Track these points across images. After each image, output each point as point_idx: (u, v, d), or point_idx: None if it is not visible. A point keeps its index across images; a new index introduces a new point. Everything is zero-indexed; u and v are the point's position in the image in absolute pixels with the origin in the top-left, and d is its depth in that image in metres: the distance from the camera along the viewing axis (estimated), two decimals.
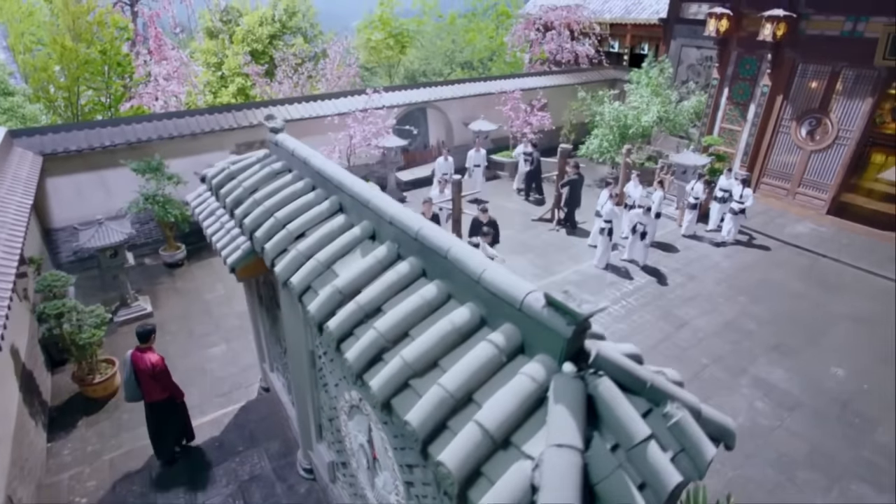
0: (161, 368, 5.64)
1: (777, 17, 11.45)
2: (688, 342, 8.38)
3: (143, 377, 5.59)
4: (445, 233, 2.58)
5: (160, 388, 5.71)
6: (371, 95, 12.65)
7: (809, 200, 12.79)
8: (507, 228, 12.27)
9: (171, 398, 5.88)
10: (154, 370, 5.56)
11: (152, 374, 5.57)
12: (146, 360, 5.54)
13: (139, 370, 5.56)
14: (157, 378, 5.63)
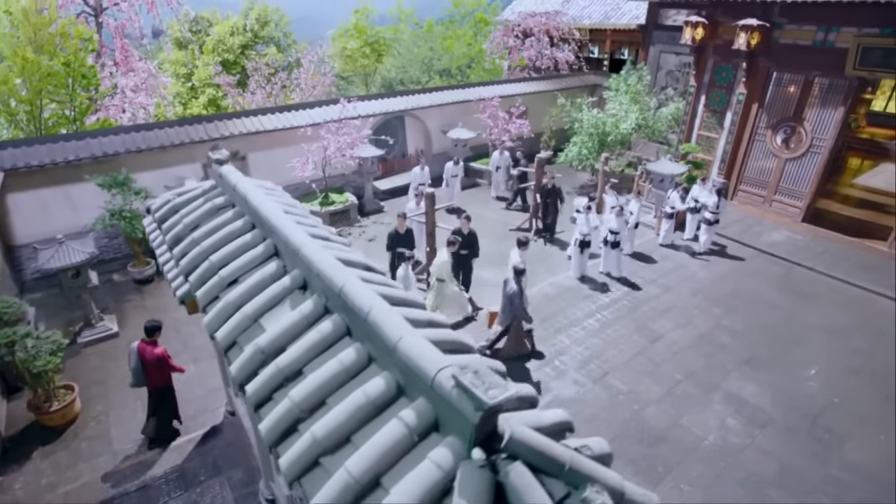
0: (165, 359, 6.39)
1: (751, 26, 11.47)
2: (661, 356, 8.34)
3: (149, 367, 6.28)
4: (369, 292, 2.45)
5: (162, 376, 6.44)
6: (345, 105, 12.47)
7: (785, 208, 12.84)
8: (484, 238, 12.10)
9: (168, 385, 6.61)
10: (158, 361, 6.30)
11: (157, 365, 6.29)
12: (152, 353, 6.28)
13: (145, 361, 6.25)
14: (162, 368, 6.37)
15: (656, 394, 7.57)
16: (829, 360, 8.29)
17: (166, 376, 6.49)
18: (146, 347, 6.27)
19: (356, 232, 12.83)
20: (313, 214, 12.39)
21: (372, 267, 3.40)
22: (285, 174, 12.33)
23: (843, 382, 7.85)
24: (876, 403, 7.45)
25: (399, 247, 9.55)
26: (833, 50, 11.00)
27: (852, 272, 10.69)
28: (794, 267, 11.07)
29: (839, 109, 11.48)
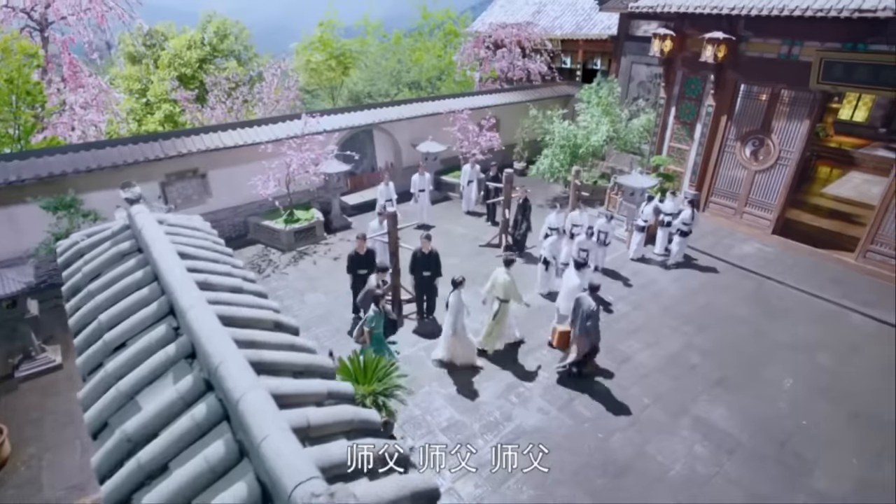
0: None
1: (717, 39, 11.42)
2: (629, 380, 8.11)
3: None
4: (246, 373, 2.14)
5: None
6: (307, 121, 12.13)
7: (756, 220, 12.78)
8: (453, 256, 11.92)
9: None
10: None
11: None
12: None
13: None
14: None
15: (623, 420, 7.33)
16: (798, 380, 8.15)
17: None
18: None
19: (322, 250, 12.47)
20: (276, 231, 12.24)
21: (282, 323, 3.07)
22: (247, 192, 11.96)
23: (811, 403, 7.70)
24: (844, 424, 7.32)
25: (360, 269, 9.23)
26: (798, 63, 10.98)
27: (822, 286, 10.62)
28: (765, 281, 10.98)
29: (805, 122, 11.46)
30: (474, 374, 8.22)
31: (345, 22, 22.41)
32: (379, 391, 6.51)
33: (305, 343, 2.97)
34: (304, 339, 3.04)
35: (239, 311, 2.89)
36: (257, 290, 3.51)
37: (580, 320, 7.54)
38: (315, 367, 2.71)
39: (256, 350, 2.56)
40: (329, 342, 9.11)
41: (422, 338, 9.18)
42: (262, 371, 2.52)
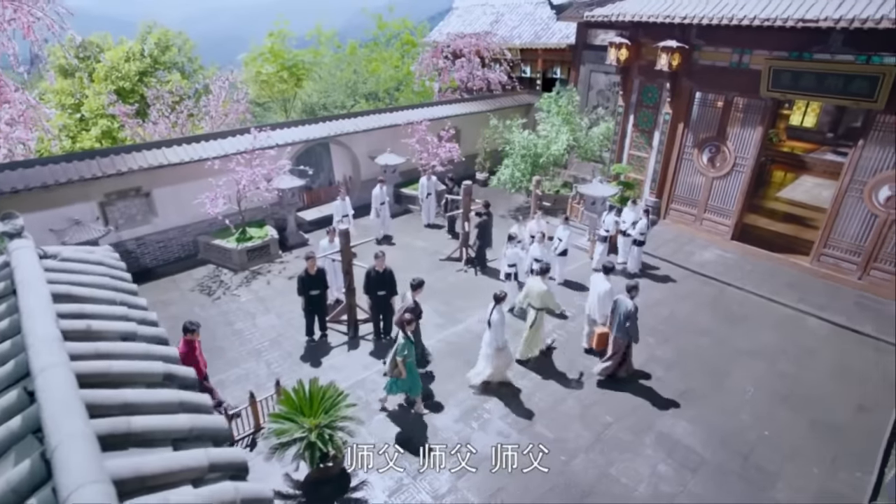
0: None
1: (671, 47, 11.48)
2: (591, 397, 7.89)
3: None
4: (86, 458, 1.73)
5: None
6: (257, 135, 11.65)
7: (715, 226, 12.86)
8: (412, 271, 11.46)
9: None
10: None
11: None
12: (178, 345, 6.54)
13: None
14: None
15: (585, 440, 7.08)
16: (760, 388, 8.09)
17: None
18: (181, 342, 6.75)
19: (276, 269, 11.94)
20: (227, 251, 11.65)
21: (174, 375, 2.67)
22: (196, 210, 11.37)
23: (772, 412, 7.63)
24: (804, 432, 7.27)
25: (312, 289, 8.79)
26: (748, 71, 11.11)
27: (779, 290, 10.69)
28: (726, 287, 10.99)
29: (758, 128, 11.60)
30: (429, 401, 7.85)
31: (296, 32, 21.85)
32: (325, 424, 6.09)
33: (197, 398, 2.57)
34: (196, 394, 2.63)
35: (117, 365, 2.48)
36: (156, 335, 3.09)
37: (619, 321, 7.72)
38: (203, 431, 2.32)
39: (125, 417, 2.16)
40: (280, 367, 8.63)
41: (377, 360, 8.76)
42: (132, 443, 2.12)
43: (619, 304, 7.76)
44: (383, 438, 7.04)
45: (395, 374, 7.10)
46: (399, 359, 6.91)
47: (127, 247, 11.34)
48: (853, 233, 10.64)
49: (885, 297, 10.30)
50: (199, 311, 10.24)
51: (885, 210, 10.10)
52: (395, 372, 7.07)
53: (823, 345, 9.17)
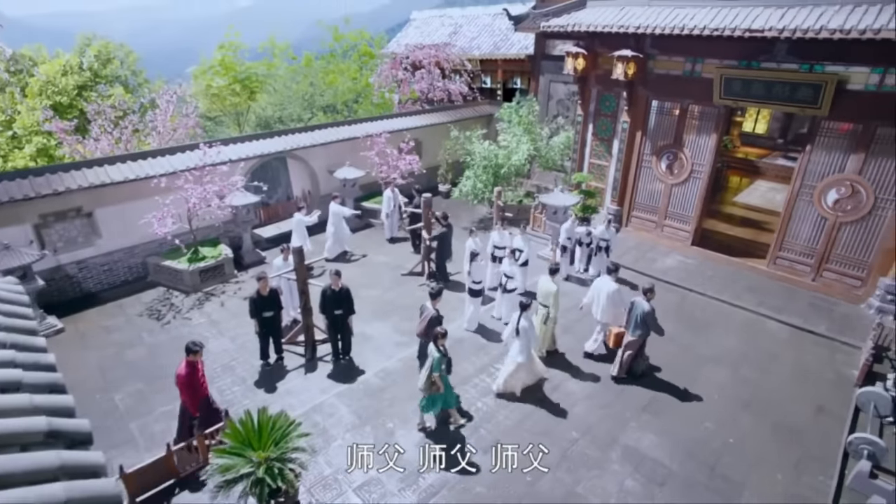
0: (180, 377, 6.49)
1: (626, 56, 11.61)
2: (558, 411, 7.70)
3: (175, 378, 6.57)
4: None
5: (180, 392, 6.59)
6: (206, 150, 11.17)
7: (676, 232, 12.99)
8: (374, 287, 11.26)
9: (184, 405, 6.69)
10: (177, 377, 6.52)
11: (176, 379, 6.55)
12: (178, 367, 6.54)
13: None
14: (177, 384, 6.55)
15: (552, 458, 6.86)
16: (724, 395, 8.08)
17: (182, 396, 6.61)
18: (182, 362, 6.55)
19: (231, 289, 11.42)
20: (178, 272, 11.09)
21: (60, 431, 2.31)
22: (144, 230, 10.78)
23: (736, 418, 7.61)
24: (768, 437, 7.26)
25: (265, 311, 8.37)
26: (701, 80, 11.32)
27: (739, 294, 10.81)
28: (688, 293, 11.05)
29: (713, 135, 11.79)
30: (388, 422, 7.52)
31: (248, 44, 21.30)
32: (275, 457, 5.69)
33: (86, 459, 2.22)
34: (86, 454, 2.28)
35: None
36: (50, 382, 2.71)
37: (634, 322, 7.94)
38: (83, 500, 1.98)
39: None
40: (232, 395, 8.16)
41: (336, 382, 8.38)
42: None
43: (636, 306, 7.97)
44: (340, 467, 6.68)
45: (433, 391, 6.86)
46: (436, 374, 6.72)
47: (67, 271, 10.65)
48: (806, 235, 10.88)
49: (836, 296, 10.55)
50: (146, 337, 9.66)
51: (833, 213, 10.36)
52: (432, 389, 6.84)
53: (782, 347, 9.27)
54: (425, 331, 7.38)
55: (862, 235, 10.18)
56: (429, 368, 6.71)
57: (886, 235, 9.83)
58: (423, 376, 6.79)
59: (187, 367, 6.49)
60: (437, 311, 7.71)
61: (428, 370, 6.72)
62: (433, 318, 7.53)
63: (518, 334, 7.55)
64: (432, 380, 6.76)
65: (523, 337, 7.55)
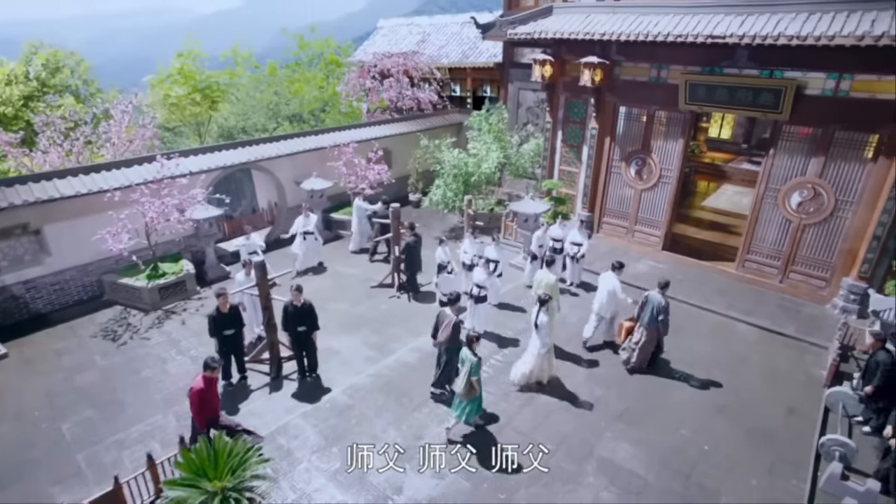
0: (193, 392, 6.27)
1: (593, 63, 11.66)
2: (530, 423, 7.51)
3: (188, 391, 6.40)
4: None
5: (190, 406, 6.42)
6: (164, 163, 10.74)
7: (646, 237, 13.03)
8: (342, 300, 10.96)
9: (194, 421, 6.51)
10: (190, 391, 6.34)
11: (188, 393, 6.36)
12: (194, 381, 6.35)
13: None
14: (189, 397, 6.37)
15: (526, 474, 6.65)
16: (697, 400, 8.02)
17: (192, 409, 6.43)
18: (198, 376, 6.38)
19: (193, 306, 10.96)
20: (136, 290, 10.60)
21: None
22: (98, 247, 10.25)
23: (711, 424, 7.54)
24: (742, 442, 7.21)
25: (225, 329, 8.00)
26: (666, 85, 11.42)
27: (709, 298, 10.86)
28: None
29: (680, 140, 11.90)
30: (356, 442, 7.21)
31: (209, 53, 20.75)
32: (231, 487, 5.34)
33: None
34: None
35: None
36: None
37: (650, 315, 8.25)
38: None
39: None
40: (191, 419, 7.70)
41: (302, 402, 8.04)
42: None
43: (651, 300, 8.29)
44: (305, 492, 6.34)
45: (471, 396, 6.89)
46: (474, 378, 6.76)
47: (13, 292, 10.04)
48: (772, 238, 11.02)
49: (803, 297, 10.70)
50: (99, 360, 9.14)
51: (797, 215, 10.52)
52: (472, 394, 6.86)
53: (753, 350, 9.30)
54: (451, 337, 7.52)
55: (825, 237, 10.35)
56: (467, 373, 6.72)
57: (847, 236, 10.02)
58: (462, 382, 6.80)
59: (204, 382, 6.31)
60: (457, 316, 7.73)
61: (466, 375, 6.73)
62: (457, 322, 7.61)
63: (537, 328, 7.82)
64: (471, 384, 6.78)
65: (542, 330, 7.78)
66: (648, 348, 8.50)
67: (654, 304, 8.23)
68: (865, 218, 9.69)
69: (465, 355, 6.77)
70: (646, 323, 8.32)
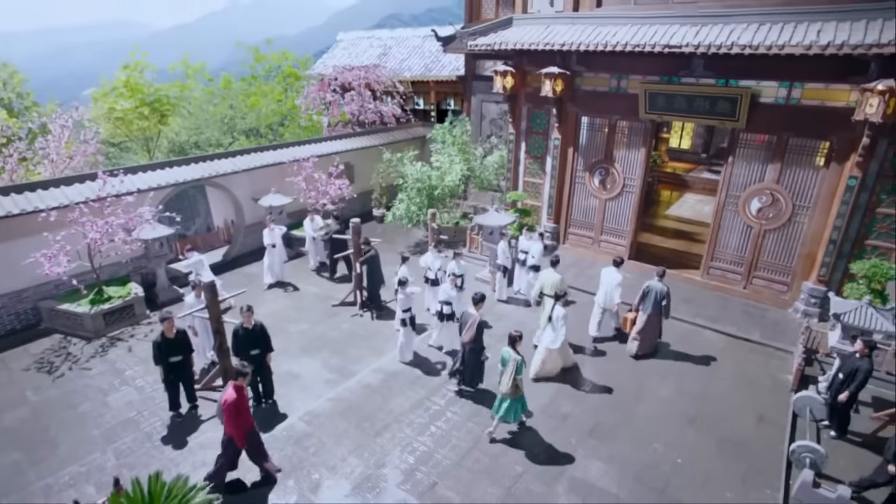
0: (228, 404, 5.89)
1: (553, 73, 11.64)
2: (499, 445, 7.18)
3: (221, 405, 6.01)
4: None
5: (227, 423, 6.00)
6: (108, 179, 10.11)
7: (613, 247, 12.98)
8: (302, 321, 10.48)
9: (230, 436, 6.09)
10: (224, 403, 5.94)
11: (223, 405, 5.95)
12: (226, 393, 5.98)
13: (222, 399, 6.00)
14: (224, 411, 5.95)
15: (495, 499, 6.31)
16: (669, 412, 7.85)
17: (228, 424, 6.03)
18: (229, 386, 6.05)
19: (142, 332, 10.27)
20: (77, 316, 9.87)
21: None
22: (31, 272, 9.50)
23: (683, 436, 7.37)
24: (714, 453, 7.06)
25: (172, 356, 7.44)
26: (627, 95, 11.48)
27: (677, 306, 10.65)
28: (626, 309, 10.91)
29: (641, 149, 11.95)
30: (313, 473, 6.73)
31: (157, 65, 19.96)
32: None
33: None
34: None
35: None
36: None
37: (653, 302, 8.92)
38: None
39: None
40: (132, 457, 7.09)
41: None
42: None
43: (652, 288, 9.00)
44: None
45: (518, 394, 7.01)
46: (519, 377, 6.86)
47: None
48: (734, 245, 11.10)
49: (766, 302, 10.77)
50: (31, 396, 8.37)
51: (757, 221, 10.63)
52: (518, 392, 6.99)
53: (721, 357, 9.25)
54: (475, 337, 7.66)
55: (784, 242, 10.48)
56: (512, 372, 6.77)
57: (805, 241, 10.16)
58: (507, 381, 6.84)
59: (236, 391, 5.98)
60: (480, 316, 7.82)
61: (512, 374, 6.78)
62: (481, 322, 7.78)
63: (550, 321, 8.19)
64: (517, 383, 6.84)
65: (557, 324, 8.14)
66: (652, 333, 9.10)
67: (656, 290, 8.92)
68: (821, 222, 9.84)
69: (507, 355, 6.82)
70: (649, 310, 8.94)
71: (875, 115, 8.22)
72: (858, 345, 7.06)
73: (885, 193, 9.12)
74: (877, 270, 8.62)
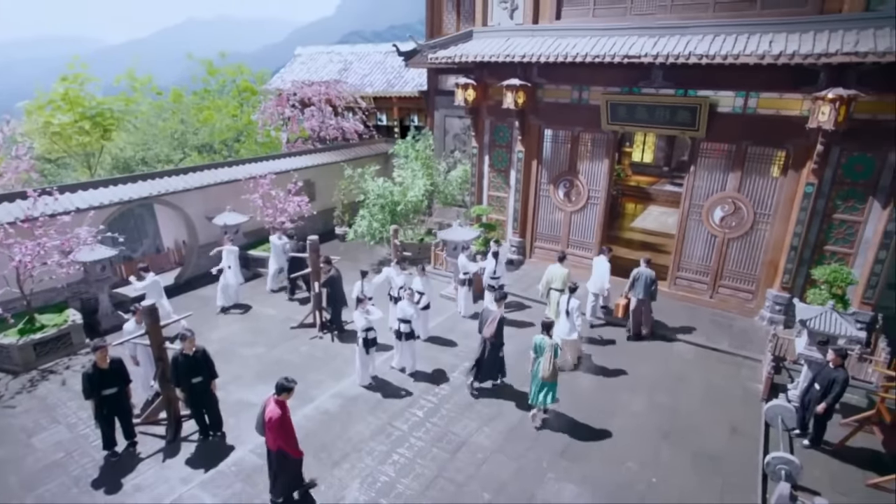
0: (273, 421, 5.71)
1: (514, 85, 11.55)
2: (466, 471, 6.72)
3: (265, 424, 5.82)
4: None
5: (274, 439, 5.85)
6: (38, 198, 9.38)
7: (580, 260, 12.82)
8: (258, 344, 9.85)
9: (281, 452, 5.93)
10: (269, 421, 5.74)
11: (267, 423, 5.78)
12: (269, 409, 5.80)
13: (264, 414, 5.84)
14: (270, 428, 5.77)
15: None
16: (642, 428, 7.56)
17: (277, 441, 5.86)
18: (270, 401, 5.88)
19: (79, 362, 9.43)
20: (3, 348, 8.99)
21: None
22: None
23: (657, 453, 7.08)
24: (689, 469, 6.79)
25: (105, 388, 6.76)
26: (588, 107, 11.46)
27: None
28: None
29: (605, 161, 11.92)
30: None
31: (100, 77, 19.04)
32: None
33: None
34: None
35: None
36: None
37: (644, 287, 9.51)
38: None
39: None
40: None
41: (201, 468, 6.84)
42: None
43: (641, 274, 9.56)
44: None
45: (555, 378, 7.28)
46: (557, 360, 7.27)
47: None
48: (699, 254, 11.08)
49: (733, 311, 10.74)
50: None
51: (721, 230, 10.64)
52: (555, 375, 7.25)
53: (691, 368, 9.08)
54: (496, 332, 7.88)
55: (748, 250, 10.50)
56: (551, 356, 7.10)
57: (768, 248, 10.20)
58: (547, 365, 7.11)
59: (280, 407, 5.80)
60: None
61: (551, 357, 7.10)
62: (502, 318, 7.98)
63: (568, 315, 8.47)
64: (555, 366, 7.15)
65: (573, 315, 8.45)
66: (647, 316, 9.80)
67: (645, 276, 9.50)
68: (782, 229, 9.90)
69: (542, 342, 7.17)
70: (640, 294, 9.55)
71: (827, 123, 8.33)
72: (831, 355, 6.96)
73: (839, 199, 9.24)
74: (837, 275, 8.65)
